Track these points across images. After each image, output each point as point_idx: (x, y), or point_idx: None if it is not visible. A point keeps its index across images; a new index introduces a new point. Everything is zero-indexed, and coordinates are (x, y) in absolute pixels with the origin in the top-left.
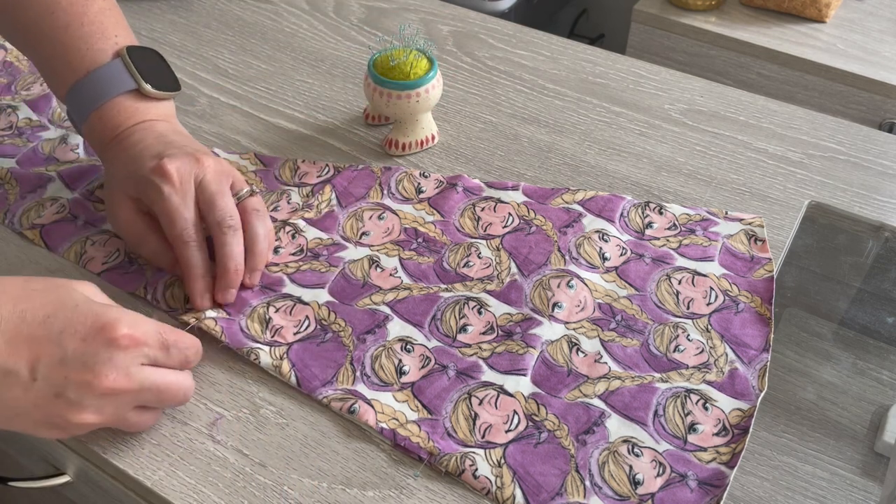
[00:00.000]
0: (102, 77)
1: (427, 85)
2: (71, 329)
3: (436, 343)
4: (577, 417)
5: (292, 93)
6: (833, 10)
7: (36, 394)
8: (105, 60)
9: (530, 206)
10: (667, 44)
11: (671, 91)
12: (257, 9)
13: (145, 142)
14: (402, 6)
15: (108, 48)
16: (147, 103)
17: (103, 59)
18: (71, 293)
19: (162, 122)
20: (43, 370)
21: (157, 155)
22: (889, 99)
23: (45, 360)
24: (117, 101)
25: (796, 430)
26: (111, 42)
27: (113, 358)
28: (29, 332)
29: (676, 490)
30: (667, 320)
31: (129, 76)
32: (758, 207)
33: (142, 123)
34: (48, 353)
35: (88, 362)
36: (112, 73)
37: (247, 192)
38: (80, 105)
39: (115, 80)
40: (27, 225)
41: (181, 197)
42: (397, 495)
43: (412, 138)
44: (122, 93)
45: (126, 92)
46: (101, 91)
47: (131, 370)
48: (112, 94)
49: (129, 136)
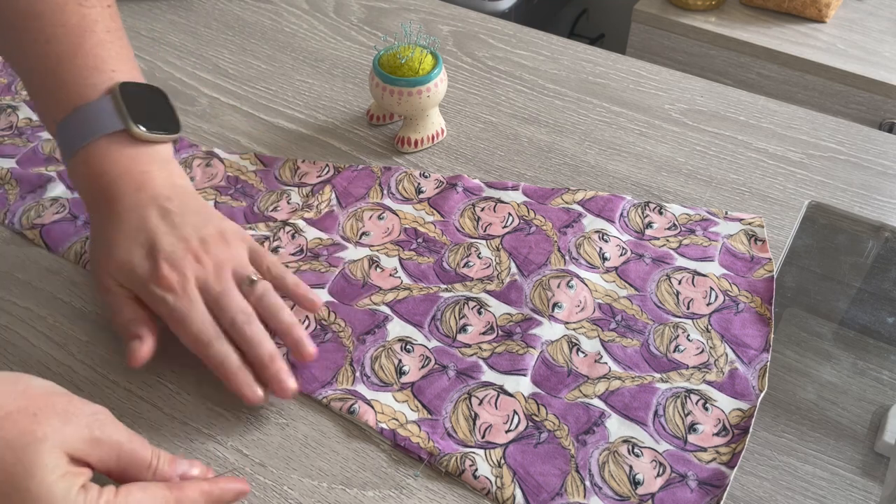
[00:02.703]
0: (87, 115)
1: (436, 79)
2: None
3: (436, 343)
4: (577, 417)
5: (292, 93)
6: (833, 10)
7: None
8: (94, 97)
9: (530, 206)
10: (667, 44)
11: (671, 91)
12: (257, 9)
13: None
14: (402, 6)
15: (100, 83)
16: (137, 148)
17: (92, 95)
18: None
19: (156, 174)
20: None
21: (150, 251)
22: (889, 99)
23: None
24: (103, 143)
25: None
26: (105, 77)
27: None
28: None
29: (676, 490)
30: (667, 320)
31: (116, 115)
32: (758, 207)
33: (129, 176)
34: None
35: None
36: (98, 111)
37: (247, 283)
38: (64, 143)
39: (100, 118)
40: (27, 225)
41: (188, 302)
42: (397, 495)
43: (423, 134)
44: (108, 133)
45: (113, 133)
46: (85, 130)
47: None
48: (96, 133)
49: (119, 195)
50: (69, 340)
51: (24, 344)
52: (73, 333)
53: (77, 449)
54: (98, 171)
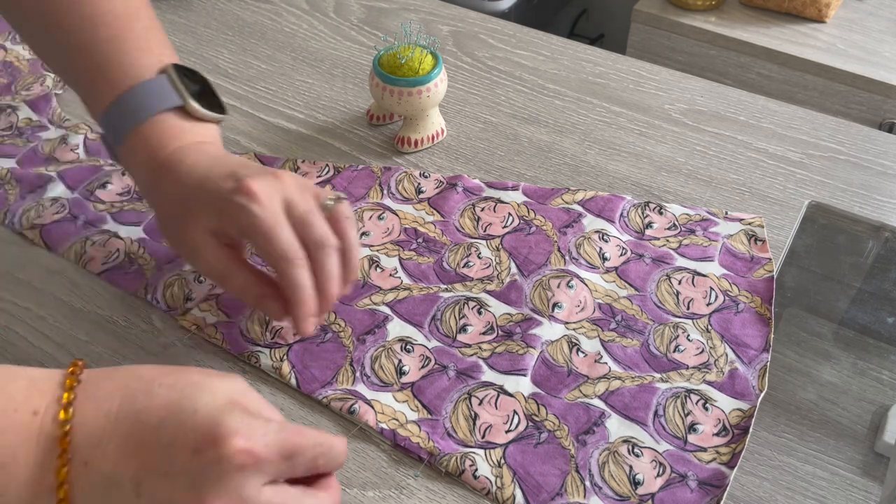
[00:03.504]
0: (146, 91)
1: (436, 79)
2: (182, 439)
3: (436, 343)
4: (577, 417)
5: (292, 93)
6: (833, 10)
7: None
8: (148, 76)
9: (530, 207)
10: (667, 44)
11: (671, 91)
12: (257, 9)
13: (204, 164)
14: (402, 6)
15: (153, 64)
16: (193, 123)
17: (147, 74)
18: (198, 393)
19: (211, 146)
20: (148, 486)
21: (230, 175)
22: (889, 99)
23: (152, 473)
24: (161, 118)
25: (796, 430)
26: (156, 59)
27: (223, 479)
28: (141, 437)
29: (676, 490)
30: (667, 320)
31: (174, 92)
32: (758, 207)
33: (191, 145)
34: (155, 464)
35: (196, 482)
36: (157, 88)
37: (331, 201)
38: (119, 123)
39: (159, 95)
40: (27, 225)
41: (274, 215)
42: (397, 495)
43: (423, 134)
44: (167, 109)
45: (170, 109)
46: (144, 106)
47: (245, 494)
48: (156, 109)
49: (182, 158)
50: (69, 340)
51: (23, 344)
52: (73, 333)
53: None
54: (157, 144)
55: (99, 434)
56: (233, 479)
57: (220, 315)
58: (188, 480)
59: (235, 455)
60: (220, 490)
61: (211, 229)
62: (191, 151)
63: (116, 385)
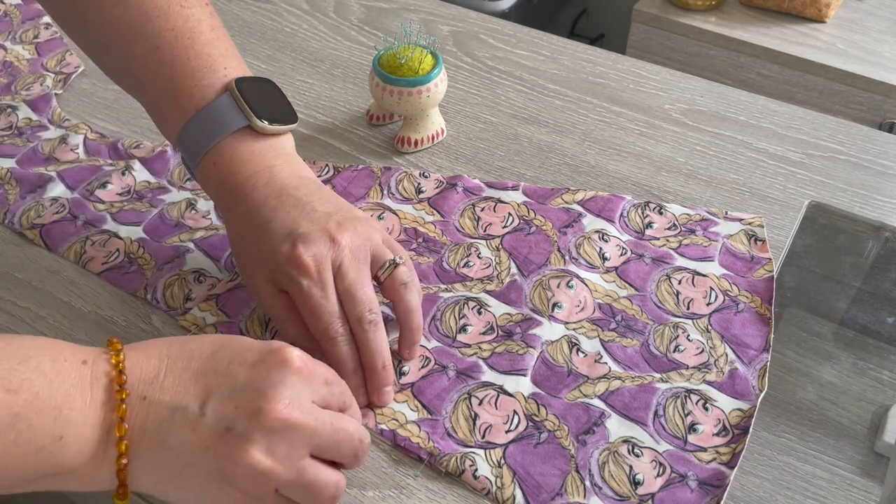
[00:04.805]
0: (210, 116)
1: (436, 79)
2: (240, 358)
3: (435, 343)
4: (577, 417)
5: (292, 93)
6: (833, 10)
7: (204, 432)
8: (212, 97)
9: (530, 207)
10: (667, 44)
11: (671, 91)
12: (257, 9)
13: (270, 205)
14: (402, 6)
15: (216, 82)
16: (263, 142)
17: (210, 95)
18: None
19: (283, 168)
20: (212, 404)
21: (288, 235)
22: (889, 99)
23: (215, 393)
24: (228, 143)
25: (796, 430)
26: (220, 75)
27: (286, 381)
28: (197, 367)
29: (676, 490)
30: (667, 320)
31: (239, 112)
32: (758, 207)
33: (260, 173)
34: (217, 385)
35: (260, 387)
36: (220, 111)
37: (389, 266)
38: (191, 149)
39: (224, 118)
40: (27, 225)
41: (321, 289)
42: (397, 495)
43: (423, 134)
44: (234, 132)
45: (238, 130)
46: (210, 132)
47: (304, 401)
48: (222, 133)
49: (251, 191)
50: (69, 340)
51: None
52: (73, 333)
53: None
54: (227, 171)
55: (153, 372)
56: (296, 383)
57: (220, 315)
58: (252, 389)
59: (295, 359)
60: (284, 392)
61: (269, 278)
62: (259, 184)
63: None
